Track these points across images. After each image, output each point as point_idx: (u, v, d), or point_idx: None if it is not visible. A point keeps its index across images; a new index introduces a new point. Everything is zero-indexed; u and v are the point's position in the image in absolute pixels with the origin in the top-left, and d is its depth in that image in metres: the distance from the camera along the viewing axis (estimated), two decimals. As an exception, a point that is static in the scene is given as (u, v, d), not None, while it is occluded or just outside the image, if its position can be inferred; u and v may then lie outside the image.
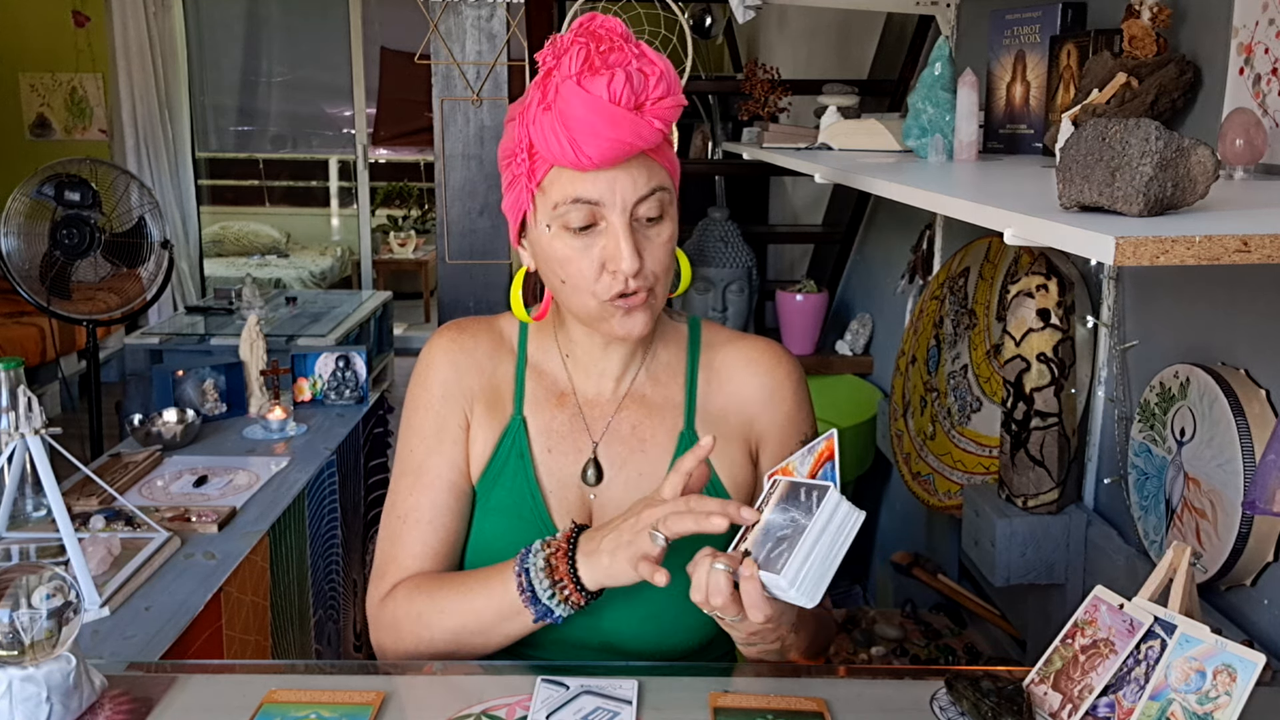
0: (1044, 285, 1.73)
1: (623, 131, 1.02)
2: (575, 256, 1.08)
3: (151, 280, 3.45)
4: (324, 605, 2.28)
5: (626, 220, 1.06)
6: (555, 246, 1.09)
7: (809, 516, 0.95)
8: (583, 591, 1.06)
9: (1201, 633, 0.94)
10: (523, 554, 1.10)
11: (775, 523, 0.97)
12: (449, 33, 3.18)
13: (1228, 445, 1.32)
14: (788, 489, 0.99)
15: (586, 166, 1.04)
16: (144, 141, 5.99)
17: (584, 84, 1.01)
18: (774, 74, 2.79)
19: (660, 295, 1.12)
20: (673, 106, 1.05)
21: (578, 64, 1.01)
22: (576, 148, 1.02)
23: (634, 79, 1.02)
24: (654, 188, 1.07)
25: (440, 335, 1.25)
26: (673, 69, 1.08)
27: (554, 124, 1.03)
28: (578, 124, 1.01)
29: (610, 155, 1.03)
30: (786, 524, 0.96)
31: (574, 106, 1.01)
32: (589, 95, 1.01)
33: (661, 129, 1.05)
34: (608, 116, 1.01)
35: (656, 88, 1.04)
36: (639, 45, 1.05)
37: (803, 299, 3.04)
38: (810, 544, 0.93)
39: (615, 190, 1.05)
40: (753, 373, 1.23)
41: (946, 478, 2.15)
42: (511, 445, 1.20)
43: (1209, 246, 0.82)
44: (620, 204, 1.06)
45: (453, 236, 3.29)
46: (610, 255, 1.07)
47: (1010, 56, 1.91)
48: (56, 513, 1.48)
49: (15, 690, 0.97)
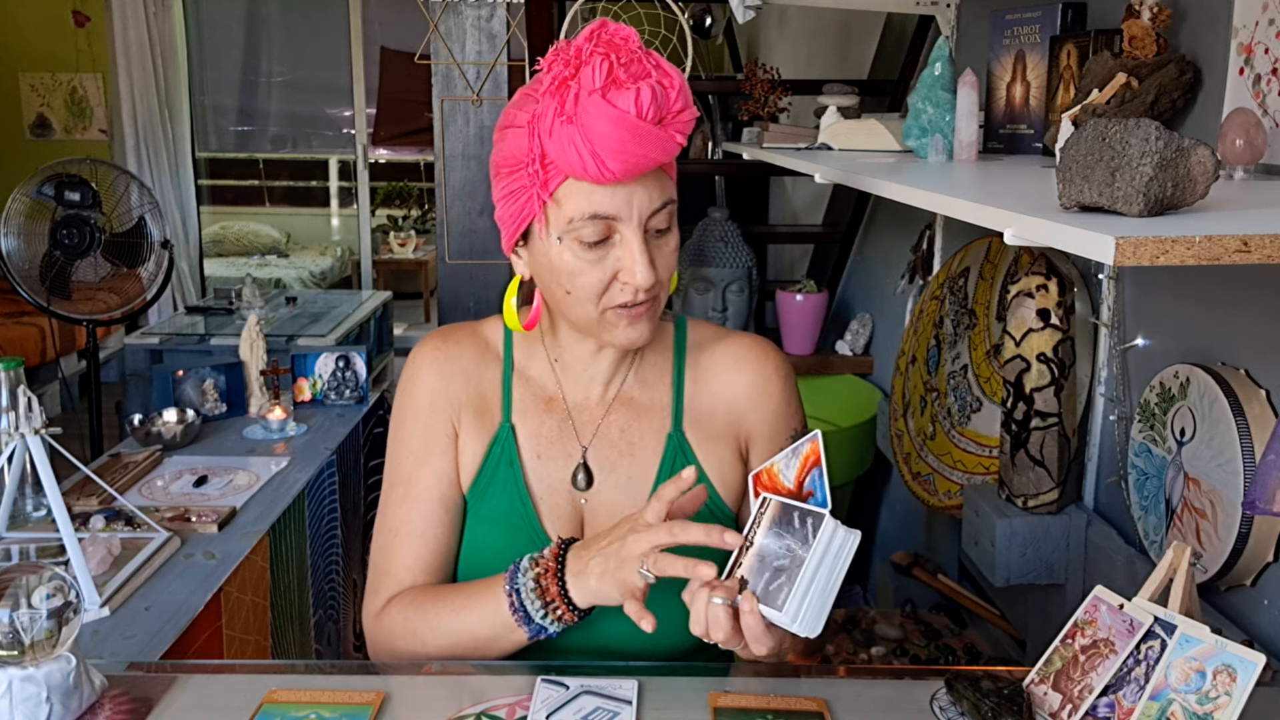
0: (1044, 285, 1.73)
1: (648, 147, 1.01)
2: (586, 269, 1.07)
3: (151, 280, 3.45)
4: (324, 605, 2.28)
5: (642, 234, 1.06)
6: (565, 259, 1.08)
7: (805, 546, 0.94)
8: (575, 610, 1.07)
9: (1201, 633, 0.94)
10: (512, 572, 1.09)
11: (771, 550, 0.96)
12: (449, 33, 3.18)
13: (1228, 445, 1.32)
14: (780, 511, 0.98)
15: (608, 180, 1.03)
16: (144, 141, 5.99)
17: (610, 98, 1.00)
18: (774, 74, 2.79)
19: (662, 301, 1.12)
20: (690, 120, 1.05)
21: (601, 77, 1.00)
22: (600, 162, 1.01)
23: (657, 93, 1.01)
24: (666, 200, 1.08)
25: (425, 345, 1.24)
26: (684, 79, 1.07)
27: (575, 137, 1.01)
28: (602, 139, 1.00)
29: (633, 170, 1.03)
30: (783, 553, 0.95)
31: (599, 121, 1.00)
32: (615, 110, 0.99)
33: (682, 142, 1.05)
34: (634, 132, 1.00)
35: (677, 101, 1.03)
36: (654, 56, 1.05)
37: (803, 299, 3.04)
38: (810, 576, 0.93)
39: (633, 205, 1.05)
40: (739, 370, 1.23)
41: (946, 478, 2.15)
42: (501, 453, 1.20)
43: (1209, 247, 0.82)
44: (637, 218, 1.06)
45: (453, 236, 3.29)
46: (625, 268, 1.07)
47: (1010, 56, 1.91)
48: (56, 513, 1.48)
49: (15, 690, 0.97)
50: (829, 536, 0.94)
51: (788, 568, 0.94)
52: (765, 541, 0.97)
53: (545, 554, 1.09)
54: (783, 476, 1.02)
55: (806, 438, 1.01)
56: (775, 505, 0.99)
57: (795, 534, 0.95)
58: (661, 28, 2.80)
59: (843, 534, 0.94)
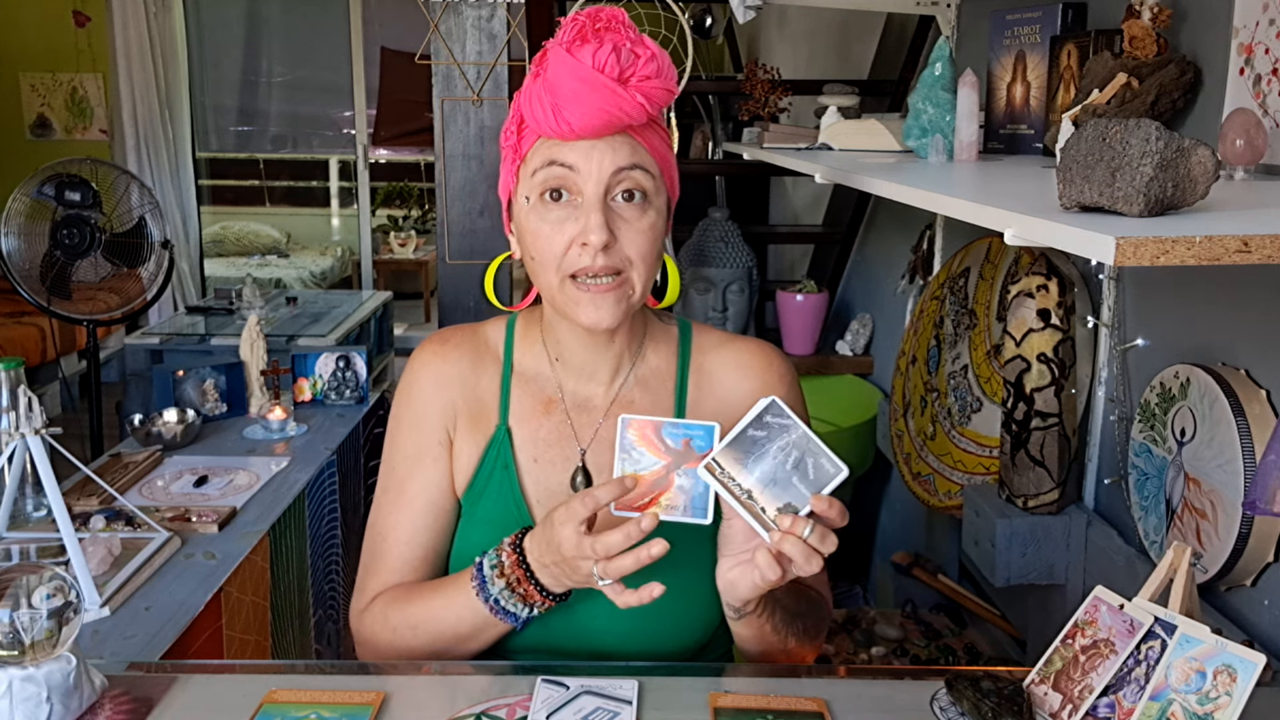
0: (1044, 285, 1.73)
1: (604, 101, 1.02)
2: (547, 230, 1.07)
3: (152, 280, 3.44)
4: (324, 605, 2.28)
5: (601, 193, 1.06)
6: (530, 220, 1.09)
7: (786, 429, 0.98)
8: (555, 597, 1.08)
9: (1202, 633, 0.94)
10: (480, 581, 1.09)
11: (769, 467, 0.98)
12: (449, 33, 3.18)
13: (1228, 445, 1.32)
14: (742, 439, 0.99)
15: (567, 135, 1.04)
16: (144, 141, 5.99)
17: (572, 51, 1.03)
18: (774, 74, 2.79)
19: (637, 287, 1.09)
20: (660, 89, 1.05)
21: (571, 34, 1.04)
22: (558, 113, 1.03)
23: (622, 53, 1.03)
24: (634, 163, 1.07)
25: (423, 349, 1.24)
26: (669, 62, 1.08)
27: (541, 91, 1.04)
28: (561, 90, 1.03)
29: (591, 124, 1.03)
30: (784, 452, 0.98)
31: (560, 73, 1.03)
32: (575, 62, 1.02)
33: (645, 106, 1.05)
34: (590, 83, 1.02)
35: (645, 67, 1.04)
36: (637, 32, 1.07)
37: (803, 299, 3.04)
38: (811, 435, 0.98)
39: (592, 159, 1.05)
40: (744, 376, 1.22)
41: (947, 478, 2.15)
42: (496, 456, 1.19)
43: (1209, 247, 0.82)
44: (596, 173, 1.05)
45: (453, 237, 3.29)
46: (581, 229, 1.06)
47: (1010, 57, 1.91)
48: (56, 513, 1.48)
49: (15, 690, 0.97)
50: (777, 407, 0.99)
51: (800, 453, 0.98)
52: (759, 469, 0.98)
53: (505, 562, 1.08)
54: (669, 442, 1.01)
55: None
56: (736, 437, 0.99)
57: (772, 432, 0.98)
58: (661, 28, 2.80)
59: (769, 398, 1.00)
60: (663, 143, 1.11)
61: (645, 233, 1.08)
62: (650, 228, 1.09)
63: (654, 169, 1.09)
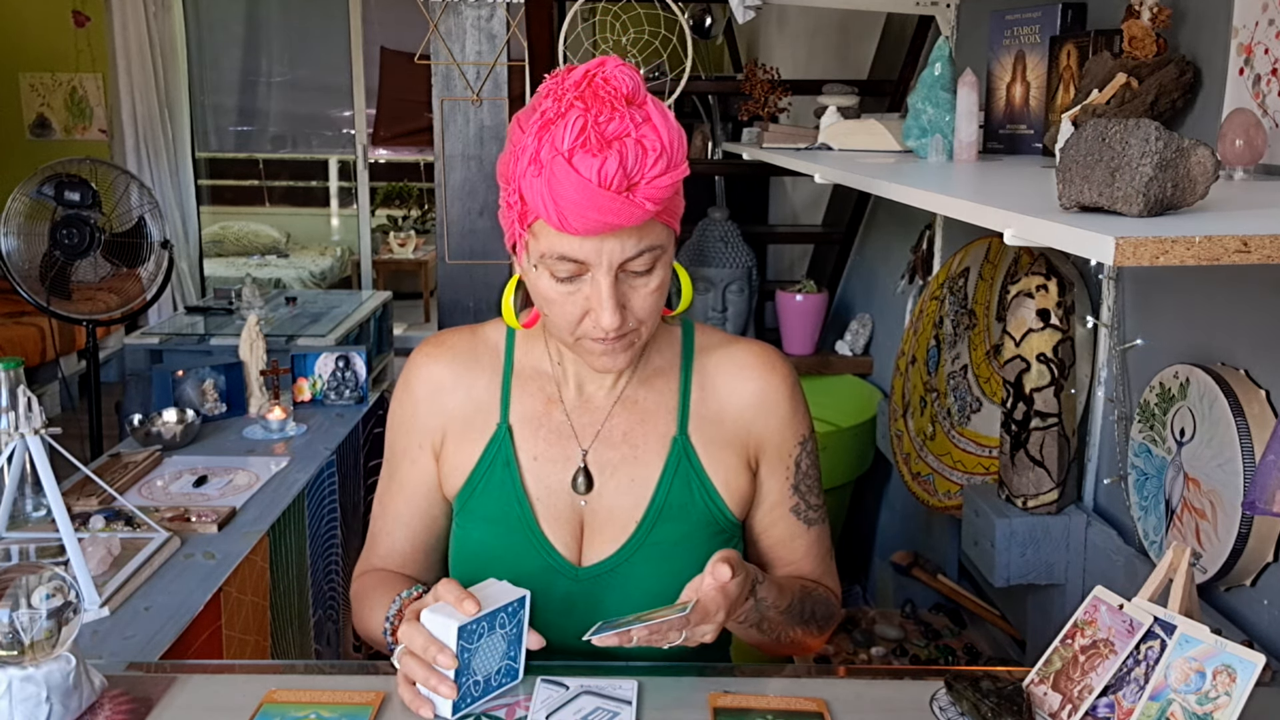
0: (1044, 285, 1.73)
1: (609, 214, 0.99)
2: (559, 300, 1.07)
3: (151, 280, 3.44)
4: (323, 605, 2.28)
5: (612, 278, 1.05)
6: (541, 284, 1.08)
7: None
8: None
9: (1201, 633, 0.94)
10: (387, 624, 1.14)
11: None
12: (449, 33, 3.18)
13: (1227, 446, 1.32)
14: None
15: (574, 234, 1.02)
16: (144, 141, 5.99)
17: (575, 163, 0.98)
18: (774, 74, 2.79)
19: (645, 335, 1.11)
20: (669, 186, 1.01)
21: (572, 138, 0.98)
22: (563, 219, 1.00)
23: (628, 159, 0.98)
24: (644, 249, 1.05)
25: (418, 354, 1.25)
26: (678, 136, 1.03)
27: (543, 190, 1.00)
28: (565, 200, 0.99)
29: (596, 231, 1.01)
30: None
31: (563, 184, 0.98)
32: (579, 177, 0.97)
33: (652, 209, 1.01)
34: (594, 199, 0.98)
35: (654, 166, 1.00)
36: (644, 109, 1.01)
37: (803, 299, 3.04)
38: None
39: (603, 253, 1.03)
40: (745, 379, 1.22)
41: (946, 478, 2.15)
42: (496, 454, 1.20)
43: (1209, 247, 0.82)
44: (607, 264, 1.04)
45: (453, 236, 3.29)
46: (594, 308, 1.06)
47: (1010, 57, 1.91)
48: (56, 513, 1.48)
49: (15, 690, 0.97)
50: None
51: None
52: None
53: (394, 624, 1.14)
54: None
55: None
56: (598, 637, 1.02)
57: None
58: (661, 28, 2.79)
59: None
60: (674, 202, 1.06)
61: (653, 294, 1.08)
62: (657, 288, 1.09)
63: (664, 240, 1.07)
